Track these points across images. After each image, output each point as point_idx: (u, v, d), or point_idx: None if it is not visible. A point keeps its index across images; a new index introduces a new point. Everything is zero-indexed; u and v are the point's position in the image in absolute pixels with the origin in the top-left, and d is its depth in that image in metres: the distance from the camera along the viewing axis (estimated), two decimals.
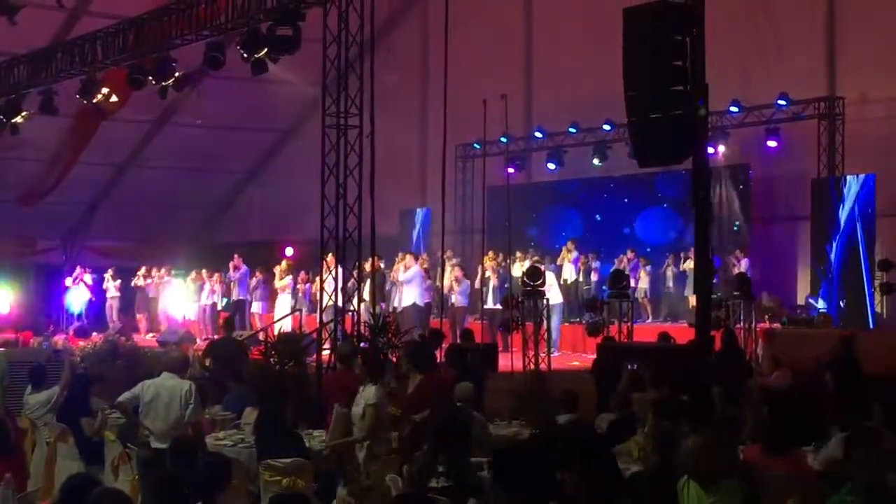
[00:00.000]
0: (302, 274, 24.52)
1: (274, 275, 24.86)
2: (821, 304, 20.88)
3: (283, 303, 24.02)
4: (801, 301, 22.07)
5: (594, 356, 16.36)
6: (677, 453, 6.98)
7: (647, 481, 7.50)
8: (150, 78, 19.26)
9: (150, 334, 25.61)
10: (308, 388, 13.97)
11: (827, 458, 8.96)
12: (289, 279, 24.34)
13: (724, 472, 6.73)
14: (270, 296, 25.03)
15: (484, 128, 21.02)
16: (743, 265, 21.25)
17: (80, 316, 27.23)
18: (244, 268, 25.74)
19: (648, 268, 23.22)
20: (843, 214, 20.94)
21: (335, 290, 16.00)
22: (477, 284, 22.86)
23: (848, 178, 21.12)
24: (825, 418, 10.76)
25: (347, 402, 10.62)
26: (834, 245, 21.01)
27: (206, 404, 12.33)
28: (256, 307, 25.14)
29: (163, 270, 27.38)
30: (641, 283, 23.10)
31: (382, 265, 22.13)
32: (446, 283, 21.67)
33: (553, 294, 20.25)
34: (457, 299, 21.65)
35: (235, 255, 25.98)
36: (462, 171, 27.56)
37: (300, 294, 24.37)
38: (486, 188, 23.09)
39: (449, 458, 7.87)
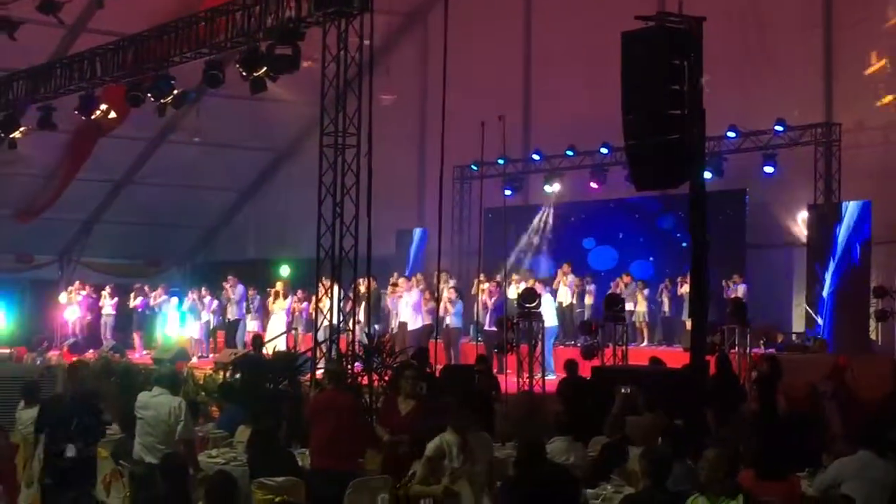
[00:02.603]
0: (299, 293, 24.49)
1: (268, 294, 24.81)
2: (817, 330, 20.91)
3: (278, 322, 23.97)
4: (796, 327, 22.07)
5: (589, 379, 16.33)
6: (668, 476, 6.99)
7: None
8: (149, 95, 19.28)
9: (145, 351, 25.55)
10: (302, 407, 13.93)
11: (822, 484, 8.94)
12: (290, 299, 24.29)
13: (730, 488, 6.80)
14: (265, 314, 24.97)
15: (481, 149, 21.05)
16: (740, 290, 21.24)
17: (74, 332, 27.18)
18: (240, 287, 25.70)
19: (646, 291, 23.21)
20: (840, 241, 20.97)
21: (330, 309, 15.97)
22: (477, 308, 22.87)
23: (844, 204, 21.15)
24: (820, 444, 10.75)
25: (335, 424, 10.43)
26: (830, 271, 21.03)
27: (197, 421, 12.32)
28: (252, 325, 25.08)
29: (159, 289, 27.32)
30: (639, 306, 23.09)
31: (375, 285, 22.11)
32: (441, 304, 21.66)
33: (547, 317, 20.23)
34: (451, 321, 21.61)
35: (229, 276, 25.93)
36: (459, 192, 27.58)
37: (297, 313, 24.32)
38: (483, 209, 23.10)
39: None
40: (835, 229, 21.02)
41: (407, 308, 22.05)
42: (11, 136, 22.20)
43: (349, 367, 15.11)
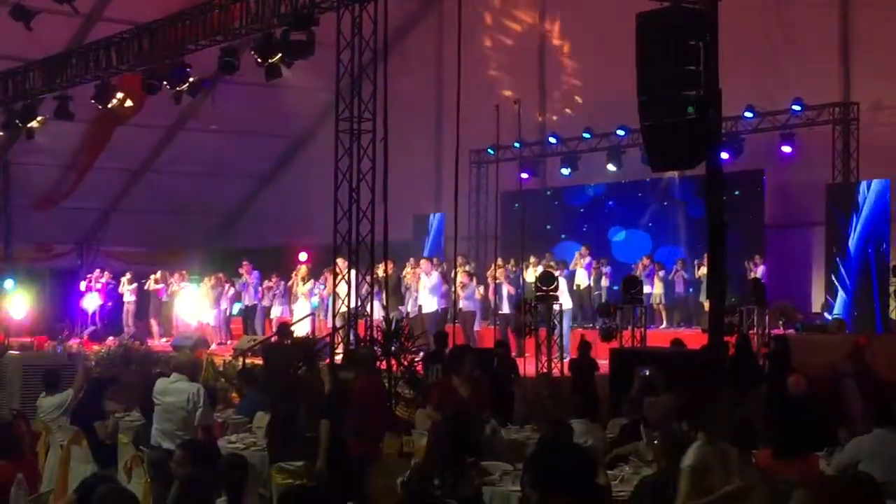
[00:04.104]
0: (322, 277, 24.51)
1: (290, 279, 24.88)
2: (836, 310, 20.84)
3: (303, 308, 24.04)
4: (815, 307, 22.01)
5: (608, 362, 16.38)
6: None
7: (657, 485, 7.50)
8: (165, 83, 19.33)
9: (164, 339, 25.65)
10: (321, 392, 13.98)
11: (840, 462, 8.92)
12: (310, 284, 24.36)
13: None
14: (289, 300, 25.04)
15: (497, 133, 21.02)
16: (759, 271, 21.18)
17: (94, 320, 27.31)
18: (255, 272, 25.78)
19: (662, 273, 23.18)
20: (858, 220, 20.89)
21: (348, 294, 16.01)
22: (490, 293, 22.85)
23: (862, 183, 21.06)
24: (838, 423, 10.74)
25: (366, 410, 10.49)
26: (849, 251, 20.96)
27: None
28: (276, 311, 25.15)
29: (176, 276, 27.41)
30: (657, 288, 23.05)
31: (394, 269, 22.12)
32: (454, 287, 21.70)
33: (563, 299, 20.23)
34: (463, 304, 21.61)
35: (244, 262, 26.00)
36: (476, 176, 27.55)
37: (319, 298, 24.36)
38: (500, 193, 23.05)
39: (445, 467, 7.81)
40: (853, 209, 20.95)
41: (424, 291, 22.06)
42: (29, 125, 22.28)
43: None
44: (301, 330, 21.15)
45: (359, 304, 16.08)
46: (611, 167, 24.77)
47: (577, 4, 25.24)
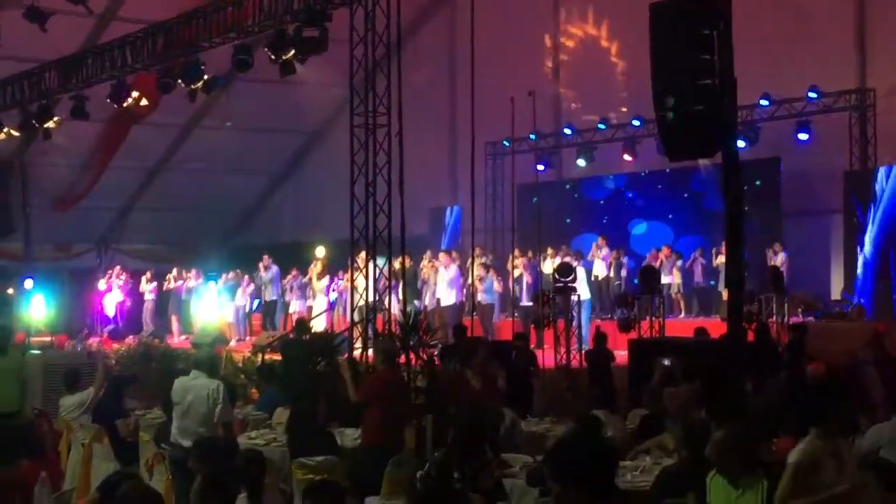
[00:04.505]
0: (340, 273, 24.56)
1: (307, 273, 24.92)
2: (855, 297, 20.75)
3: (321, 303, 24.07)
4: (834, 294, 21.92)
5: (626, 352, 16.37)
6: (706, 446, 6.94)
7: (677, 475, 7.49)
8: (180, 81, 19.36)
9: (184, 336, 25.73)
10: (340, 387, 13.99)
11: (861, 450, 8.89)
12: (326, 280, 24.39)
13: (749, 467, 6.67)
14: (306, 296, 25.08)
15: (512, 125, 21.00)
16: (780, 259, 21.10)
17: (115, 319, 27.43)
18: (275, 268, 25.82)
19: (680, 263, 23.11)
20: (877, 207, 20.80)
21: (366, 288, 16.02)
22: (510, 282, 22.86)
23: (881, 170, 20.96)
24: (858, 411, 10.68)
25: (388, 403, 10.49)
26: (867, 237, 20.86)
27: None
28: (295, 307, 25.20)
29: (193, 273, 27.48)
30: (675, 278, 22.99)
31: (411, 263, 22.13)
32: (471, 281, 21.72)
33: (582, 290, 20.22)
34: (482, 297, 21.61)
35: (265, 256, 26.08)
36: (492, 168, 27.52)
37: (337, 293, 24.41)
38: (516, 185, 23.04)
39: (465, 460, 7.80)
40: (871, 195, 20.84)
41: (442, 284, 22.10)
42: (45, 126, 22.34)
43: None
44: (319, 325, 21.18)
45: (376, 298, 16.08)
46: (627, 157, 24.72)
47: None
